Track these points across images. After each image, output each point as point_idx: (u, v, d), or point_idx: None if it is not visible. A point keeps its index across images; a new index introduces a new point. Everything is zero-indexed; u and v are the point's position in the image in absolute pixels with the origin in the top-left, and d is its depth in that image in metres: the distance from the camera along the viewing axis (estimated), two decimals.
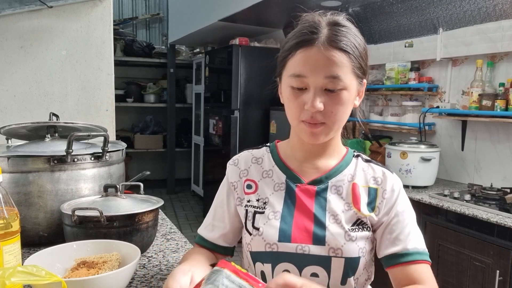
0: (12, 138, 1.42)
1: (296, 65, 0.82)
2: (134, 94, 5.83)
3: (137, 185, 1.28)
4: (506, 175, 2.48)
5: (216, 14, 4.07)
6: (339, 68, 0.80)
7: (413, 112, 2.97)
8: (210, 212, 1.00)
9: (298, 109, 0.83)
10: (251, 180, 0.94)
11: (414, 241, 0.86)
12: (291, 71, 0.83)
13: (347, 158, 0.93)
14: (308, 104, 0.80)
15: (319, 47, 0.80)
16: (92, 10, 2.04)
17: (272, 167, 0.94)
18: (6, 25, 1.90)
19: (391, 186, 0.89)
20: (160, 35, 6.51)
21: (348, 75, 0.82)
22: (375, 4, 3.03)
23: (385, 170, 0.92)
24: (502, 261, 1.88)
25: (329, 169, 0.91)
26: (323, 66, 0.80)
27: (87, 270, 0.89)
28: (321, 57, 0.80)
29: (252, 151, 0.99)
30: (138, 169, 5.90)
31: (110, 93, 2.12)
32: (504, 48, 2.36)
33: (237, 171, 0.96)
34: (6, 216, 0.82)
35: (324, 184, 0.89)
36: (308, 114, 0.82)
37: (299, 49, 0.82)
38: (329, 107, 0.81)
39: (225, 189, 0.98)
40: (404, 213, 0.88)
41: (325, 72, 0.80)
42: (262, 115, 4.20)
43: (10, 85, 1.93)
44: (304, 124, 0.83)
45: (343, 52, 0.81)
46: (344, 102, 0.82)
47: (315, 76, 0.80)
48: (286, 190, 0.90)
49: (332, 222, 0.86)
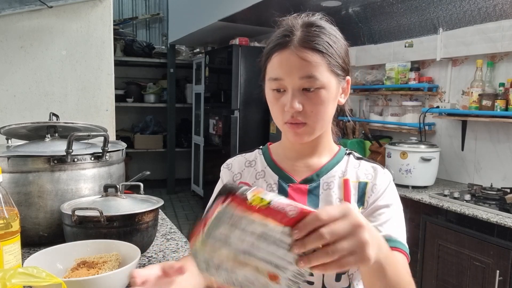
0: (12, 138, 1.42)
1: (274, 69, 0.84)
2: (134, 94, 5.83)
3: (137, 185, 1.28)
4: (506, 175, 2.48)
5: (216, 14, 4.07)
6: (314, 67, 0.81)
7: (413, 112, 2.97)
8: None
9: (280, 111, 0.85)
10: (245, 183, 0.95)
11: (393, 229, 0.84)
12: (269, 74, 0.86)
13: (338, 156, 0.94)
14: (287, 105, 0.82)
15: (291, 49, 0.82)
16: (92, 10, 2.04)
17: (264, 168, 0.95)
18: (6, 25, 1.90)
19: (380, 180, 0.90)
20: (160, 35, 6.51)
21: (325, 74, 0.82)
22: (375, 4, 3.03)
23: (376, 166, 0.92)
24: (502, 261, 1.88)
25: (320, 167, 0.91)
26: (297, 67, 0.81)
27: (87, 270, 0.89)
28: (295, 58, 0.81)
29: (245, 154, 1.01)
30: (138, 169, 5.89)
31: (110, 93, 2.12)
32: (504, 48, 2.36)
33: (231, 175, 0.98)
34: (6, 216, 0.82)
35: (316, 182, 0.90)
36: (288, 115, 0.83)
37: (275, 53, 0.84)
38: (309, 107, 0.82)
39: None
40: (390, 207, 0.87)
41: (300, 73, 0.81)
42: (262, 115, 4.20)
43: (10, 85, 1.93)
44: (287, 126, 0.85)
45: (316, 51, 0.82)
46: (323, 101, 0.83)
47: (291, 78, 0.82)
48: (279, 190, 0.91)
49: None
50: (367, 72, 3.34)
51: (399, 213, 0.88)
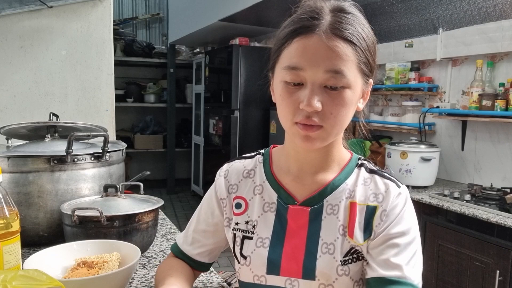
0: (12, 138, 1.42)
1: (292, 56, 0.69)
2: (134, 94, 5.83)
3: (137, 185, 1.28)
4: (506, 175, 2.48)
5: (216, 14, 4.07)
6: (343, 61, 0.67)
7: (413, 112, 2.97)
8: (192, 222, 0.90)
9: (291, 108, 0.70)
10: (241, 197, 0.83)
11: (404, 264, 0.70)
12: (285, 62, 0.70)
13: (348, 168, 0.79)
14: (304, 102, 0.67)
15: (320, 35, 0.67)
16: (92, 10, 2.04)
17: (263, 182, 0.82)
18: (6, 25, 1.90)
19: (392, 204, 0.74)
20: (160, 35, 6.51)
21: (353, 71, 0.69)
22: (375, 4, 3.03)
23: (389, 183, 0.77)
24: (502, 261, 1.88)
25: (325, 184, 0.78)
26: (324, 58, 0.67)
27: (87, 270, 0.89)
28: (322, 47, 0.67)
29: (245, 161, 0.87)
30: (138, 169, 5.90)
31: (110, 93, 2.12)
32: (504, 48, 2.36)
33: (226, 185, 0.85)
34: (6, 216, 0.82)
35: (319, 203, 0.77)
36: (302, 114, 0.69)
37: (296, 37, 0.69)
38: (328, 108, 0.68)
39: (212, 203, 0.87)
40: (404, 235, 0.73)
41: (326, 65, 0.67)
42: (262, 115, 4.20)
43: (10, 85, 1.93)
44: (298, 127, 0.70)
45: (348, 42, 0.68)
46: (346, 102, 0.69)
47: (314, 70, 0.67)
48: (277, 212, 0.78)
49: (324, 252, 0.74)
50: None
51: (416, 242, 0.74)
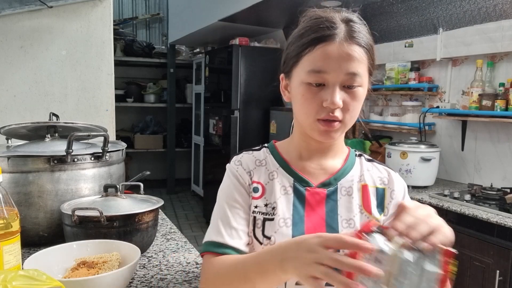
0: (12, 138, 1.42)
1: (317, 61, 0.79)
2: (134, 94, 5.83)
3: (137, 185, 1.28)
4: (506, 175, 2.48)
5: (216, 14, 4.07)
6: (360, 64, 0.80)
7: (413, 112, 2.97)
8: (225, 216, 0.85)
9: (315, 106, 0.80)
10: (258, 182, 0.87)
11: None
12: (309, 66, 0.80)
13: (351, 158, 0.91)
14: (328, 100, 0.78)
15: (340, 42, 0.79)
16: (92, 10, 2.04)
17: (277, 169, 0.88)
18: (6, 25, 1.90)
19: (398, 186, 0.89)
20: (160, 35, 6.51)
21: (364, 72, 0.81)
22: (375, 4, 3.03)
23: (389, 170, 0.92)
24: (502, 261, 1.88)
25: (336, 170, 0.88)
26: (345, 61, 0.78)
27: (87, 270, 0.89)
28: (343, 52, 0.78)
29: (253, 152, 0.93)
30: (138, 169, 5.89)
31: (110, 93, 2.12)
32: (504, 48, 2.36)
33: (244, 171, 0.88)
34: (6, 216, 0.82)
35: (334, 186, 0.86)
36: (326, 111, 0.79)
37: (319, 44, 0.79)
38: (347, 104, 0.80)
39: (241, 190, 0.88)
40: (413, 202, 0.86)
41: (347, 68, 0.78)
42: (262, 115, 4.19)
43: (10, 85, 1.93)
44: (320, 123, 0.80)
45: (362, 47, 0.81)
46: (360, 98, 0.82)
47: (336, 72, 0.78)
48: (295, 193, 0.85)
49: (345, 227, 0.83)
50: None
51: None
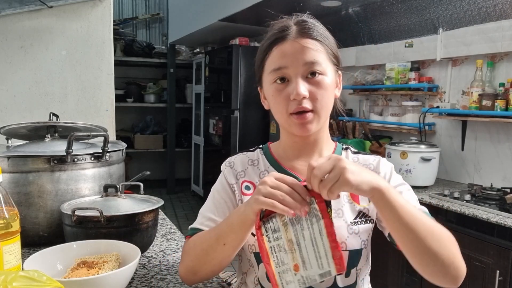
0: (12, 138, 1.42)
1: (275, 60, 0.86)
2: (134, 94, 5.83)
3: (137, 185, 1.28)
4: (506, 175, 2.48)
5: (216, 14, 4.07)
6: (316, 53, 0.84)
7: (413, 112, 2.97)
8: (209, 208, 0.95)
9: (284, 102, 0.85)
10: (249, 181, 0.94)
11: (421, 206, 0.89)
12: (270, 67, 0.87)
13: (337, 152, 0.97)
14: (294, 93, 0.83)
15: (292, 40, 0.85)
16: (92, 10, 2.04)
17: (268, 168, 0.95)
18: (6, 25, 1.90)
19: (384, 168, 0.93)
20: (160, 35, 6.51)
21: (325, 61, 0.86)
22: (375, 4, 3.03)
23: (376, 156, 0.96)
24: (502, 261, 1.88)
25: None
26: (300, 54, 0.84)
27: (87, 270, 0.89)
28: (297, 46, 0.84)
29: (247, 153, 1.00)
30: (138, 169, 5.88)
31: (110, 93, 2.12)
32: (504, 48, 2.36)
33: (234, 173, 0.96)
34: (6, 216, 0.82)
35: None
36: (295, 104, 0.84)
37: (274, 46, 0.86)
38: (313, 93, 0.84)
39: (223, 190, 0.96)
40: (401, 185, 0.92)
41: (303, 59, 0.83)
42: (262, 115, 4.20)
43: (10, 85, 1.93)
44: (293, 117, 0.85)
45: (315, 40, 0.86)
46: (326, 86, 0.85)
47: (295, 65, 0.83)
48: None
49: (334, 216, 0.87)
50: (367, 72, 3.34)
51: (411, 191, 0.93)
